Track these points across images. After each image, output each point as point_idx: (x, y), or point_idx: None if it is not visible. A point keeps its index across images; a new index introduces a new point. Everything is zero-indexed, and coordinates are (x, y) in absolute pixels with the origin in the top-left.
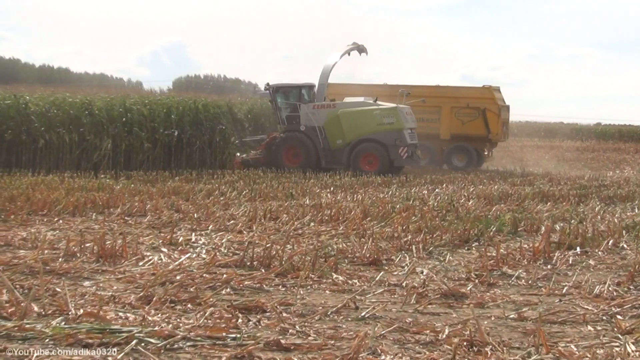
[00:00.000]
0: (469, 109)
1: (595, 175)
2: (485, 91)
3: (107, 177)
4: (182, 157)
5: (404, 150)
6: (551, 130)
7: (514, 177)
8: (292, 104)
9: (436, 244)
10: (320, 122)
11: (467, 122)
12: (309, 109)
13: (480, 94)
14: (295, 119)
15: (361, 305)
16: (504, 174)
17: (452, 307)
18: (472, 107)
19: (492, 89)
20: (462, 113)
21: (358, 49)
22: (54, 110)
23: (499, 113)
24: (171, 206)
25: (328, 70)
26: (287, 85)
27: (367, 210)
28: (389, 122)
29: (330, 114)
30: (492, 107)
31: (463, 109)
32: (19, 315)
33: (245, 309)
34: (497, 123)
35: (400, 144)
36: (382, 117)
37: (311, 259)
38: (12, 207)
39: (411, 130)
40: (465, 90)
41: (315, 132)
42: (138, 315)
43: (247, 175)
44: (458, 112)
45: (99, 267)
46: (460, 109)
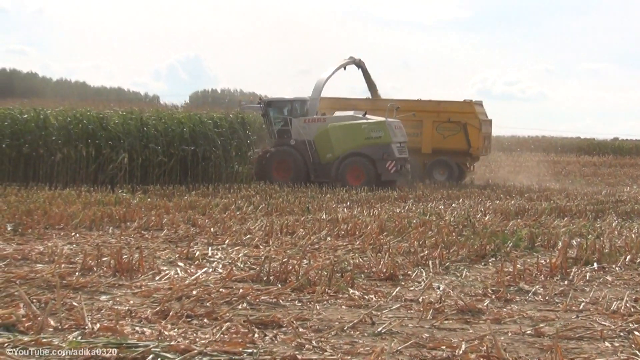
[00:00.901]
0: (450, 123)
1: (612, 190)
2: (466, 105)
3: (123, 191)
4: (198, 171)
5: (392, 165)
6: (567, 145)
7: (531, 192)
8: (284, 118)
9: (453, 259)
10: (310, 136)
11: (448, 136)
12: (300, 123)
13: (461, 109)
14: (287, 133)
15: (377, 321)
16: (520, 189)
17: (468, 323)
18: (453, 121)
19: (473, 103)
20: (444, 127)
21: (355, 62)
22: (72, 124)
23: (480, 127)
24: (188, 220)
25: (321, 85)
26: (279, 99)
27: (383, 225)
28: (376, 136)
29: (320, 128)
30: (473, 121)
31: (444, 123)
32: (36, 330)
33: (262, 324)
34: (478, 137)
35: (387, 158)
36: (370, 131)
37: (327, 274)
38: (29, 221)
39: (400, 144)
40: (447, 104)
41: (305, 146)
42: (154, 329)
43: (264, 190)
44: (439, 127)
45: (115, 281)
46: (442, 123)
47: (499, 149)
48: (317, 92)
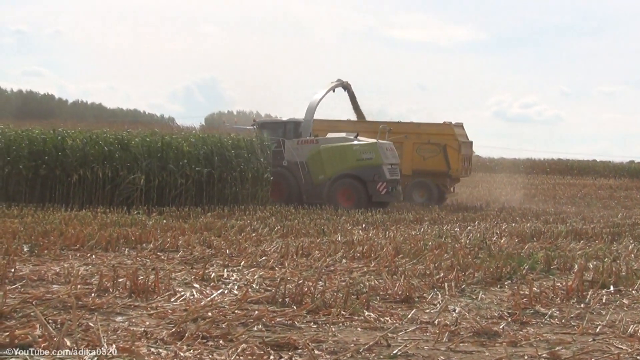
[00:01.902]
0: (430, 145)
1: (628, 213)
2: (445, 127)
3: (139, 213)
4: (214, 192)
5: (383, 186)
6: (583, 168)
7: (547, 215)
8: (277, 140)
9: (468, 282)
10: (303, 157)
11: (428, 157)
12: (292, 144)
13: (441, 130)
14: (280, 155)
15: (393, 343)
16: (536, 212)
17: (484, 346)
18: (432, 143)
19: (453, 126)
20: (424, 149)
21: (342, 85)
22: (89, 145)
23: (459, 149)
24: (203, 242)
25: (314, 107)
26: (273, 121)
27: (399, 247)
28: (368, 157)
29: (312, 150)
30: (453, 143)
31: (424, 145)
32: (52, 350)
33: (277, 345)
34: (457, 159)
35: (378, 180)
36: (361, 152)
37: (343, 295)
38: (45, 241)
39: (391, 166)
40: (426, 126)
41: (297, 168)
42: (170, 351)
43: (279, 212)
44: (419, 148)
45: (131, 302)
46: (422, 145)
47: (515, 171)
48: (310, 114)
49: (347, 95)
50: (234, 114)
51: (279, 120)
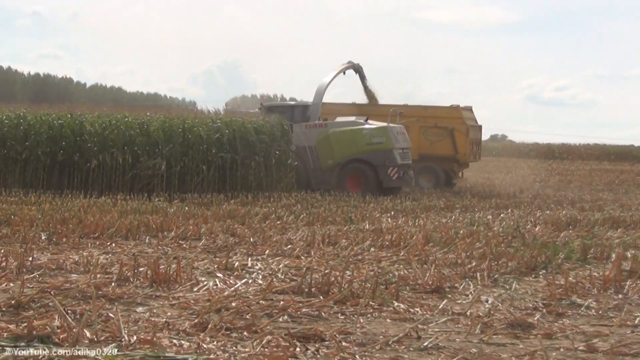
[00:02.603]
0: (437, 129)
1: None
2: (453, 110)
3: (160, 200)
4: (237, 179)
5: (394, 171)
6: (620, 153)
7: (583, 202)
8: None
9: (502, 272)
10: (311, 142)
11: (435, 142)
12: (301, 128)
13: (448, 114)
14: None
15: (423, 335)
16: (572, 199)
17: (518, 338)
18: (440, 126)
19: (461, 109)
20: (430, 133)
21: (354, 67)
22: (108, 130)
23: (467, 133)
24: (226, 230)
25: (322, 90)
26: (280, 104)
27: (429, 235)
28: (378, 141)
29: (321, 134)
30: (460, 126)
31: (431, 129)
32: (71, 342)
33: (303, 337)
34: (465, 143)
35: (389, 165)
36: (371, 136)
37: (371, 285)
38: (64, 229)
39: (403, 150)
40: (433, 109)
41: (305, 152)
42: (193, 342)
43: (305, 199)
44: (426, 132)
45: (152, 292)
46: (429, 129)
47: (549, 157)
48: (318, 98)
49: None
50: (257, 97)
51: (287, 104)
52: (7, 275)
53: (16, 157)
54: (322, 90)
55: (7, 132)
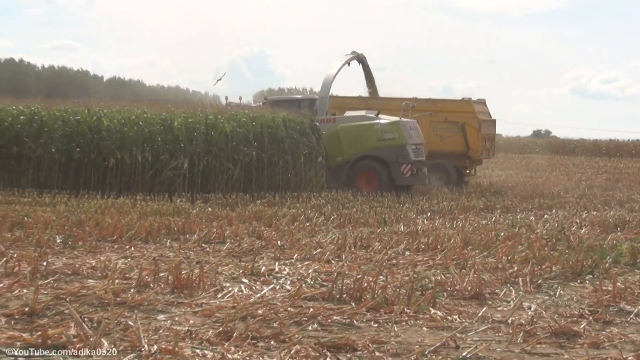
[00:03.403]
0: (448, 124)
1: None
2: (464, 104)
3: (182, 201)
4: (264, 178)
5: (407, 168)
6: None
7: (632, 202)
8: None
9: (545, 277)
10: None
11: (445, 137)
12: None
13: (459, 108)
14: None
15: (462, 344)
16: (621, 199)
17: (563, 347)
18: (450, 121)
19: (473, 102)
20: (441, 128)
21: (357, 58)
22: (127, 126)
23: (479, 128)
24: (252, 232)
25: (329, 82)
26: (285, 99)
27: (468, 238)
28: (390, 137)
29: (329, 129)
30: (472, 121)
31: (441, 124)
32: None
33: (334, 347)
34: (477, 139)
35: (402, 161)
36: (383, 132)
37: (406, 292)
38: (80, 232)
39: (416, 146)
40: (444, 103)
41: None
42: (217, 352)
43: (335, 199)
44: (436, 127)
45: (174, 298)
46: (439, 124)
47: (596, 154)
48: (325, 91)
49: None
50: (285, 91)
51: (293, 98)
52: (21, 281)
53: (29, 156)
54: (328, 83)
55: (20, 128)
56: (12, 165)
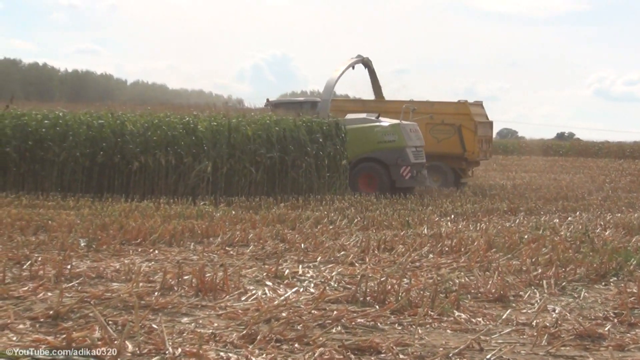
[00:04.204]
0: (444, 126)
1: None
2: (460, 106)
3: (206, 204)
4: (287, 181)
5: (407, 170)
6: None
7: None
8: None
9: (569, 279)
10: None
11: (442, 139)
12: None
13: (456, 110)
14: None
15: (486, 347)
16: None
17: (588, 350)
18: (447, 123)
19: (469, 104)
20: (437, 130)
21: (363, 62)
22: (150, 130)
23: (475, 130)
24: (276, 235)
25: (332, 85)
26: (288, 101)
27: (491, 240)
28: (390, 139)
29: None
30: (468, 123)
31: (438, 126)
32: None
33: (358, 349)
34: (474, 141)
35: (402, 164)
36: (383, 134)
37: (430, 294)
38: (104, 236)
39: (416, 149)
40: (440, 105)
41: None
42: (241, 355)
43: (359, 202)
44: (433, 129)
45: (198, 301)
46: (435, 126)
47: (620, 156)
48: (327, 93)
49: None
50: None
51: (295, 100)
52: (45, 285)
53: (54, 159)
54: (331, 85)
55: (45, 132)
56: (36, 169)
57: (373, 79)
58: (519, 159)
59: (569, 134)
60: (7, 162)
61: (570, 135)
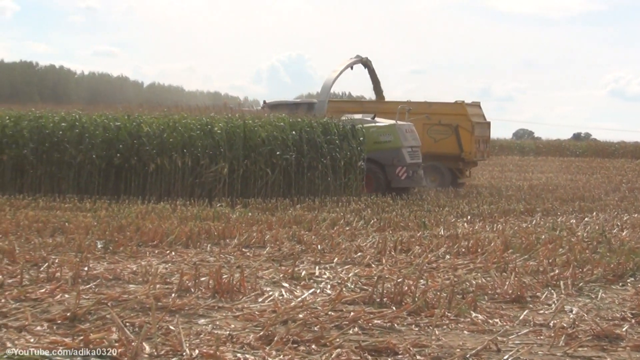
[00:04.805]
0: (441, 126)
1: None
2: (457, 107)
3: (222, 205)
4: (304, 183)
5: (402, 170)
6: None
7: None
8: None
9: (587, 280)
10: None
11: (439, 140)
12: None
13: (453, 110)
14: None
15: (503, 348)
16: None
17: (605, 350)
18: (444, 124)
19: (466, 105)
20: (434, 130)
21: (362, 62)
22: (167, 132)
23: (471, 130)
24: (292, 237)
25: (328, 86)
26: (284, 102)
27: (508, 241)
28: (386, 140)
29: None
30: (465, 123)
31: (435, 126)
32: (130, 356)
33: (375, 350)
34: (470, 141)
35: (397, 164)
36: (378, 135)
37: (447, 295)
38: (120, 237)
39: (412, 149)
40: (437, 106)
41: None
42: (258, 356)
43: (375, 203)
44: (430, 130)
45: (214, 303)
46: (433, 126)
47: (637, 156)
48: (324, 94)
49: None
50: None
51: (291, 102)
52: (62, 286)
53: (70, 162)
54: (328, 86)
55: (62, 135)
56: (53, 171)
57: (373, 78)
58: (535, 159)
59: (585, 135)
60: (25, 164)
61: (586, 135)
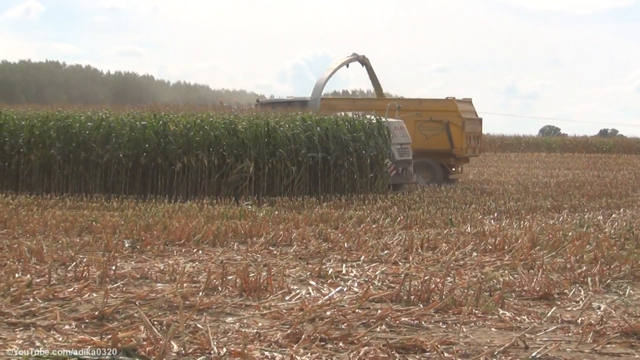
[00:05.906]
0: (433, 123)
1: None
2: (448, 103)
3: (249, 204)
4: (330, 181)
5: (392, 168)
6: None
7: None
8: None
9: (614, 276)
10: None
11: (430, 136)
12: None
13: (444, 107)
14: None
15: (531, 345)
16: None
17: (634, 347)
18: (435, 120)
19: (457, 101)
20: (426, 127)
21: (359, 60)
22: (193, 131)
23: (462, 126)
24: (319, 235)
25: (322, 84)
26: (277, 100)
27: (535, 238)
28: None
29: None
30: (456, 120)
31: (426, 123)
32: (158, 355)
33: (403, 348)
34: (461, 137)
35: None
36: None
37: (474, 292)
38: (148, 236)
39: (401, 146)
40: (429, 102)
41: None
42: (286, 354)
43: (402, 201)
44: (421, 126)
45: (242, 301)
46: (424, 123)
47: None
48: (317, 92)
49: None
50: (349, 93)
51: (284, 100)
52: (90, 285)
53: (97, 161)
54: (321, 84)
55: (88, 134)
56: (80, 171)
57: (371, 76)
58: (561, 156)
59: (612, 131)
60: (52, 164)
61: (613, 132)
